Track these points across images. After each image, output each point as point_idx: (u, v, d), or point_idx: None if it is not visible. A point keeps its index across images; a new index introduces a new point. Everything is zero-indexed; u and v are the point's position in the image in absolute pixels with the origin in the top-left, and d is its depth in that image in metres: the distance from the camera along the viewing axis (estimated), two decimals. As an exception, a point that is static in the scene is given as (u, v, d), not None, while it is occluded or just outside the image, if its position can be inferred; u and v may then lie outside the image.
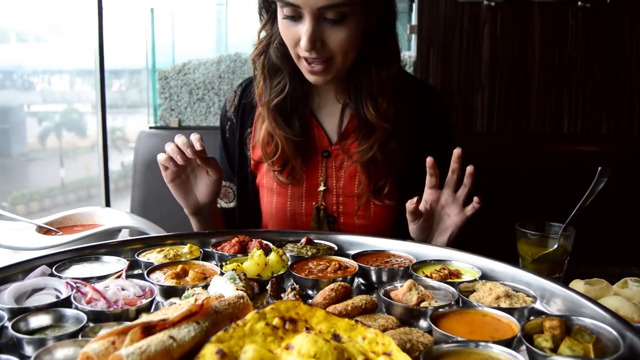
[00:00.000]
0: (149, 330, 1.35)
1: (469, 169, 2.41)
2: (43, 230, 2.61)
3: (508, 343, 1.48)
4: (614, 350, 1.43)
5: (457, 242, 2.48)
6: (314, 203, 2.82)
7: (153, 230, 2.70)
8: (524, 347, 1.50)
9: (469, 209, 2.43)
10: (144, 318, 1.42)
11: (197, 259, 2.15)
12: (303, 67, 2.56)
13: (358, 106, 2.69)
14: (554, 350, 1.46)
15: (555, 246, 2.17)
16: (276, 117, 2.72)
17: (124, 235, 2.75)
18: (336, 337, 1.44)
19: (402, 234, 2.55)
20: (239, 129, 3.00)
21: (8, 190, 6.68)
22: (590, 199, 2.20)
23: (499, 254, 2.10)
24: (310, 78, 2.58)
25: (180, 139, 2.46)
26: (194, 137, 2.45)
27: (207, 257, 2.24)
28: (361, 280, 2.11)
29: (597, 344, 1.49)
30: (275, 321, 1.45)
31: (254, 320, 1.44)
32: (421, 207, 2.47)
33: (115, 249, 2.26)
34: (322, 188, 2.81)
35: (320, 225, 2.79)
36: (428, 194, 2.52)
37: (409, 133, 2.73)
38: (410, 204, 2.45)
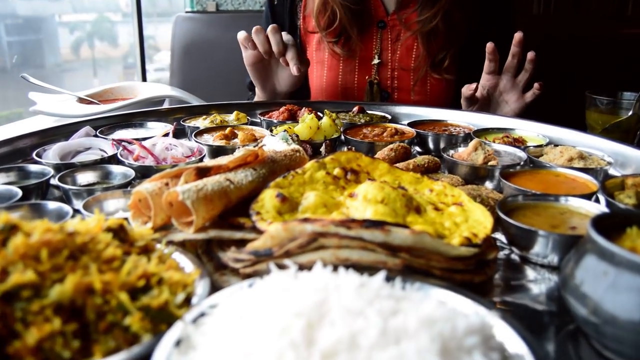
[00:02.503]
0: (203, 173, 1.27)
1: (530, 54, 2.23)
2: (85, 101, 2.53)
3: (587, 199, 1.36)
4: None
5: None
6: (367, 77, 2.68)
7: (196, 101, 2.60)
8: (604, 204, 1.39)
9: (529, 95, 2.26)
10: (201, 163, 1.33)
11: (245, 125, 2.06)
12: None
13: None
14: (638, 206, 1.34)
15: (630, 113, 2.01)
16: None
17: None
18: (401, 189, 1.34)
19: (459, 111, 2.40)
20: None
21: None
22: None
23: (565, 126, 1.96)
24: None
25: (274, 36, 2.27)
26: (287, 38, 2.29)
27: (254, 125, 2.14)
28: (417, 149, 1.99)
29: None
30: (336, 171, 1.35)
31: (314, 169, 1.34)
32: (478, 93, 2.31)
33: (160, 117, 2.18)
34: (376, 61, 2.65)
35: (372, 101, 2.65)
36: (486, 79, 2.35)
37: (472, 3, 2.54)
38: (467, 90, 2.30)
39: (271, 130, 1.90)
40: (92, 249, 0.92)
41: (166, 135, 1.79)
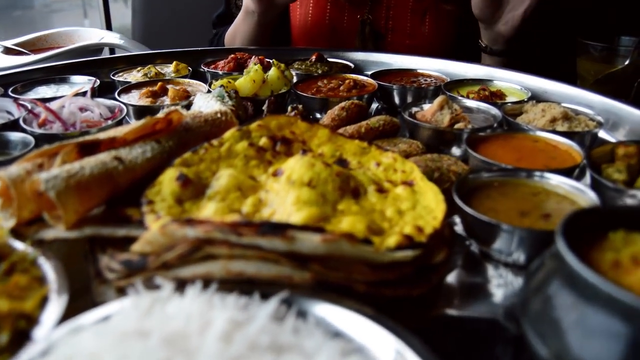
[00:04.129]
0: (90, 150, 1.02)
1: None
2: (13, 52, 2.23)
3: (568, 173, 1.13)
4: None
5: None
6: (358, 16, 2.34)
7: (139, 50, 2.31)
8: (588, 180, 1.15)
9: None
10: (88, 136, 1.08)
11: (184, 78, 1.79)
12: None
13: None
14: (629, 183, 1.09)
15: (626, 62, 1.73)
16: None
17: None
18: (342, 162, 1.10)
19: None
20: None
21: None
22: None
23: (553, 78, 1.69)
24: None
25: None
26: None
27: (198, 77, 1.87)
28: (382, 104, 1.74)
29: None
30: (263, 141, 1.11)
31: (234, 139, 1.10)
32: None
33: (90, 69, 1.90)
34: None
35: (364, 44, 2.33)
36: None
37: None
38: None
39: (211, 85, 1.64)
40: None
41: (82, 94, 1.53)
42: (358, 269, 0.78)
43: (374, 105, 1.74)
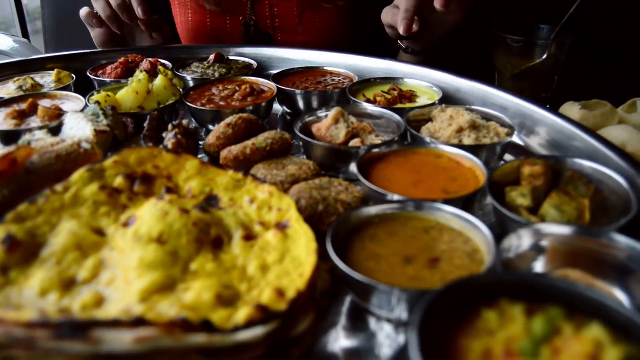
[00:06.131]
0: None
1: None
2: None
3: (467, 202, 1.01)
4: (621, 207, 0.97)
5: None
6: (241, 18, 2.18)
7: (31, 54, 2.10)
8: (490, 203, 1.04)
9: None
10: None
11: (66, 88, 1.60)
12: None
13: None
14: (534, 210, 0.98)
15: (545, 56, 1.61)
16: None
17: None
18: (211, 200, 0.97)
19: (357, 51, 1.93)
20: None
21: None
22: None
23: (469, 73, 1.56)
24: None
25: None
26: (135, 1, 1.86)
27: (86, 85, 1.69)
28: (286, 109, 1.59)
29: (596, 197, 1.02)
30: (118, 181, 0.96)
31: (83, 182, 0.95)
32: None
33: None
34: None
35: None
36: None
37: None
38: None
39: (90, 98, 1.47)
40: None
41: None
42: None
43: (279, 109, 1.61)
